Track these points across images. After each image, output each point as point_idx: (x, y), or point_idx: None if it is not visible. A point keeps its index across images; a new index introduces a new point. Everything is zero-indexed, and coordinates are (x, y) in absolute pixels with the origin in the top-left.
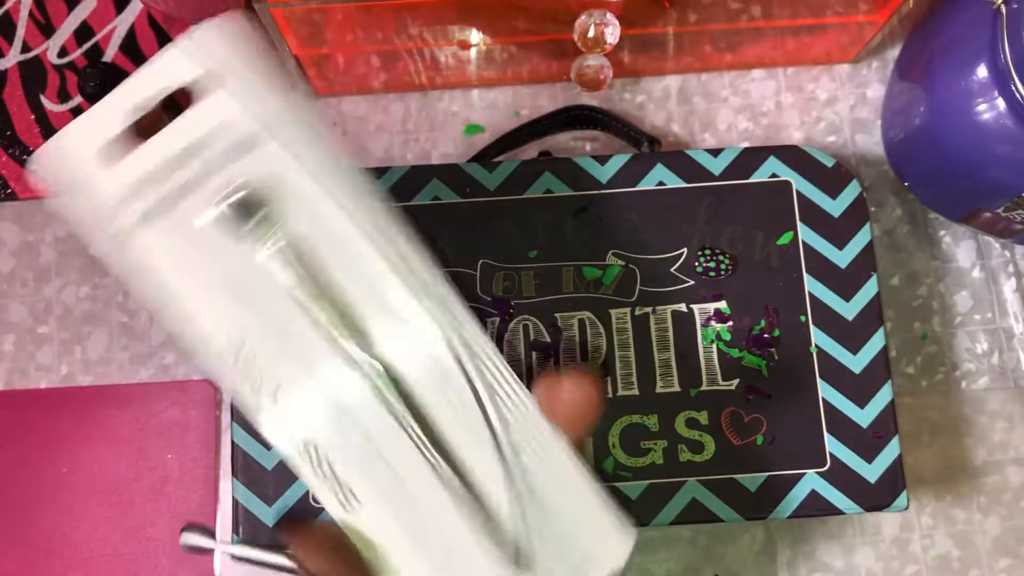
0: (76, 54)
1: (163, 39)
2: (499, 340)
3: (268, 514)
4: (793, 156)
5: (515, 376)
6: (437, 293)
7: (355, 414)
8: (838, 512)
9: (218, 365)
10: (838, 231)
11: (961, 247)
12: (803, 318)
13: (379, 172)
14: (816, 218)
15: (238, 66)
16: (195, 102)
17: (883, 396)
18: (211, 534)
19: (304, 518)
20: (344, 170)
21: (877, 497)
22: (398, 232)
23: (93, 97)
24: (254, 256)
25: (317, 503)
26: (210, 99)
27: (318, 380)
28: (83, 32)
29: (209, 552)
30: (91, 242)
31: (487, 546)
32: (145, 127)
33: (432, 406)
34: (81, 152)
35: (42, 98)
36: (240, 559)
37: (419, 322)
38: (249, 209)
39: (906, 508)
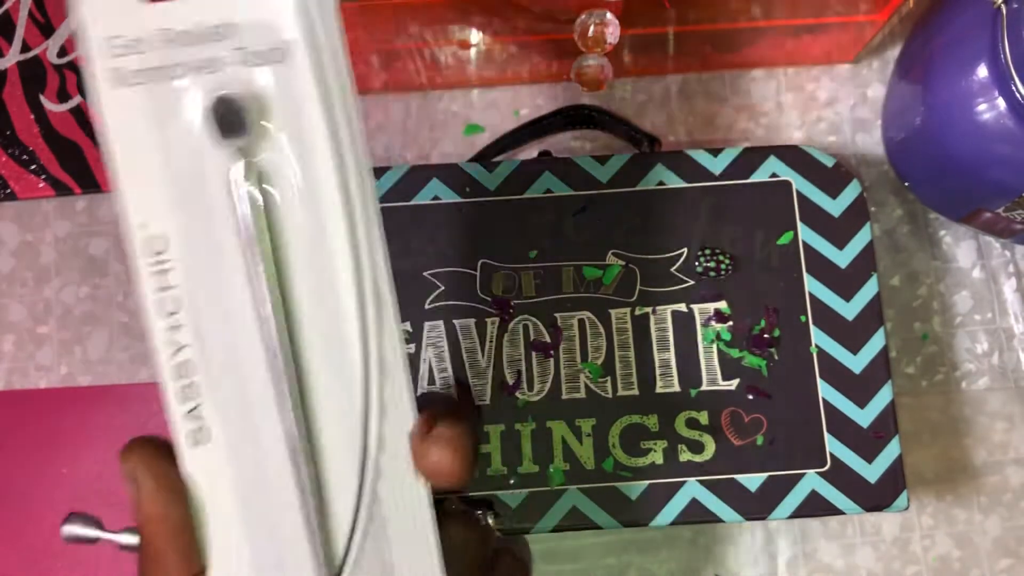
0: (76, 53)
1: None
2: (499, 340)
3: None
4: (793, 156)
5: (415, 405)
6: (383, 298)
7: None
8: (838, 512)
9: (131, 248)
10: (838, 231)
11: (961, 247)
12: (803, 318)
13: (379, 172)
14: (816, 218)
15: None
16: None
17: (883, 396)
18: (96, 523)
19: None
20: (358, 136)
21: (877, 497)
22: (377, 228)
23: None
24: (225, 171)
25: None
26: None
27: (231, 325)
28: None
29: (94, 542)
30: (85, 67)
31: (312, 556)
32: None
33: (320, 398)
34: None
35: (42, 98)
36: (128, 548)
37: (349, 332)
38: (240, 122)
39: (906, 508)
